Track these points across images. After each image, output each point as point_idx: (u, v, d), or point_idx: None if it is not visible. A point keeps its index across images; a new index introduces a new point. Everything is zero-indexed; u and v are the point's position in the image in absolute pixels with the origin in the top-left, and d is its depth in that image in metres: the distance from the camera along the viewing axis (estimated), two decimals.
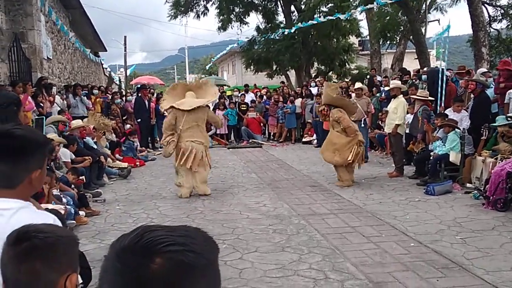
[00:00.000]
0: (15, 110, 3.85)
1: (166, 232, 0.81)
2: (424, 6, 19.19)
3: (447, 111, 9.12)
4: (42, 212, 1.65)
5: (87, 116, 10.97)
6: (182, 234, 0.82)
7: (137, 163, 11.37)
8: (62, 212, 5.67)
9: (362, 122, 10.75)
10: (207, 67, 50.02)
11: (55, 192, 6.28)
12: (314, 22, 19.27)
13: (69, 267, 1.23)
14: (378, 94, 13.32)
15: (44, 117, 8.20)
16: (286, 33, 21.11)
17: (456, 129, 8.27)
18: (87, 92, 13.31)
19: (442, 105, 9.95)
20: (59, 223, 1.55)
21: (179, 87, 8.43)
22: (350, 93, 13.40)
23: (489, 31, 18.21)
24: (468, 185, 7.90)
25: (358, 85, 12.16)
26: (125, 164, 10.47)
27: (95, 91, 13.94)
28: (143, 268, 0.76)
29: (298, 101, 16.04)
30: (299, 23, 20.23)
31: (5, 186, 1.60)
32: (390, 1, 15.91)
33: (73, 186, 7.22)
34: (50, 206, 5.61)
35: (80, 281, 1.32)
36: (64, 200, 6.33)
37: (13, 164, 1.59)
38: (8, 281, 1.21)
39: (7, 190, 1.60)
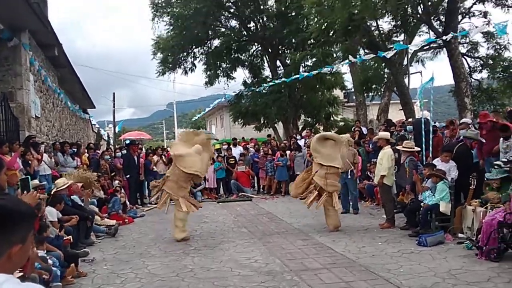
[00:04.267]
0: None
1: None
2: (405, 59, 19.78)
3: (434, 161, 9.20)
4: (27, 284, 1.56)
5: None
6: None
7: (126, 220, 11.18)
8: (47, 277, 5.52)
9: (349, 174, 10.84)
10: (192, 119, 50.65)
11: (41, 253, 6.10)
12: (297, 77, 19.38)
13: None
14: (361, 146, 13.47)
15: (30, 177, 8.08)
16: (272, 84, 21.36)
17: (445, 179, 8.32)
18: (75, 150, 13.25)
19: (430, 155, 10.05)
20: None
21: (186, 135, 9.73)
22: None
23: (470, 81, 18.71)
24: (460, 235, 7.85)
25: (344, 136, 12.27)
26: (113, 222, 10.28)
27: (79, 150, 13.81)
28: None
29: (286, 154, 16.11)
30: (286, 77, 20.53)
31: None
32: (370, 58, 16.33)
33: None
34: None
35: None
36: (50, 261, 6.15)
37: None
38: None
39: None
